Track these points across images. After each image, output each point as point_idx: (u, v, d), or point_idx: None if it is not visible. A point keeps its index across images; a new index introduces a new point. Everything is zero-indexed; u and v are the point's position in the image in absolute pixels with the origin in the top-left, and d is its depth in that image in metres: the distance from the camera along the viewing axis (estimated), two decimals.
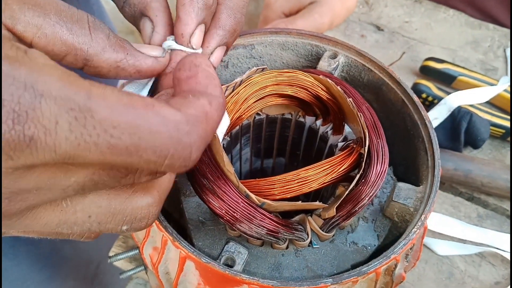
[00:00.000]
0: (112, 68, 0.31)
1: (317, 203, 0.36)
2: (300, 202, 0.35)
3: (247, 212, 0.34)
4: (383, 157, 0.38)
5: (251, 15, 1.00)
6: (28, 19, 0.28)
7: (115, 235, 0.63)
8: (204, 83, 0.28)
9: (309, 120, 0.46)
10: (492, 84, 0.75)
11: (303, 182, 0.36)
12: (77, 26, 0.29)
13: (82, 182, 0.24)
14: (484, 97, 0.72)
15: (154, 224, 0.36)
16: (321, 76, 0.41)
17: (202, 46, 0.36)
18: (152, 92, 0.35)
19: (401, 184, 0.40)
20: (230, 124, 0.40)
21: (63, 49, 0.29)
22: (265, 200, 0.34)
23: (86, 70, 0.31)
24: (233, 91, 0.40)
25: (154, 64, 0.32)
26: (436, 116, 0.70)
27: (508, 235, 0.62)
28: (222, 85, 0.40)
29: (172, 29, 0.35)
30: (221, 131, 0.38)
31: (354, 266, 0.38)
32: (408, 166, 0.44)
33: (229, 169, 0.34)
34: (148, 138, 0.23)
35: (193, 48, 0.34)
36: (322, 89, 0.41)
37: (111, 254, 0.57)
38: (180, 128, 0.24)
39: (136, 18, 0.36)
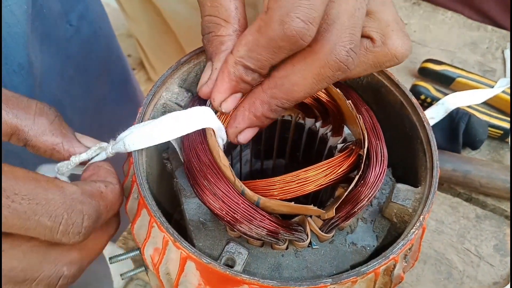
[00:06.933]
0: (49, 149, 0.36)
1: (314, 208, 0.36)
2: (293, 203, 0.35)
3: (247, 213, 0.35)
4: (382, 158, 0.38)
5: (249, 19, 1.01)
6: None
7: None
8: (103, 175, 0.36)
9: (308, 122, 0.47)
10: (490, 86, 0.75)
11: (302, 183, 0.37)
12: (22, 111, 0.34)
13: None
14: (481, 99, 0.72)
15: (155, 225, 0.36)
16: None
17: (231, 124, 0.38)
18: None
19: (399, 185, 0.40)
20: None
21: (8, 130, 0.34)
22: (260, 196, 0.35)
23: (28, 149, 0.36)
24: None
25: (84, 153, 0.37)
26: (433, 115, 0.70)
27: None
28: None
29: (228, 85, 0.37)
30: (220, 135, 0.38)
31: (353, 267, 0.38)
32: (407, 167, 0.44)
33: (225, 163, 0.35)
34: (45, 203, 0.28)
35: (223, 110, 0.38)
36: (321, 91, 0.42)
37: (111, 255, 0.57)
38: (75, 197, 0.29)
39: (206, 56, 0.39)
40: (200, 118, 0.37)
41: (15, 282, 0.30)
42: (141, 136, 0.37)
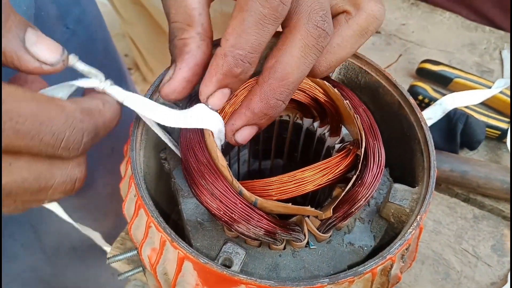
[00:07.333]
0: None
1: (311, 209, 0.36)
2: (290, 204, 0.35)
3: (245, 213, 0.35)
4: (380, 158, 0.38)
5: None
6: None
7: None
8: (101, 94, 0.35)
9: (306, 122, 0.47)
10: (488, 86, 0.75)
11: (300, 183, 0.37)
12: None
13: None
14: (479, 99, 0.73)
15: (152, 225, 0.36)
16: (318, 79, 0.42)
17: (228, 122, 0.38)
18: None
19: (397, 185, 0.40)
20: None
21: None
22: (258, 197, 0.35)
23: None
24: None
25: (38, 70, 0.32)
26: (430, 116, 0.70)
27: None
28: None
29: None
30: (219, 137, 0.38)
31: (350, 267, 0.38)
32: (404, 168, 0.44)
33: (223, 163, 0.35)
34: (48, 123, 0.28)
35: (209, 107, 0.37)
36: (319, 91, 0.42)
37: (109, 255, 0.57)
38: (75, 115, 0.30)
39: (171, 58, 0.39)
40: (203, 118, 0.37)
41: (31, 192, 0.30)
42: (143, 103, 0.36)
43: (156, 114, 0.37)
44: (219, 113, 0.39)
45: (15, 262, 0.77)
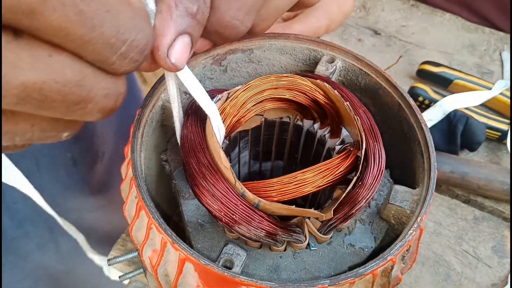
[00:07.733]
0: None
1: (313, 211, 0.36)
2: (294, 206, 0.35)
3: (246, 214, 0.35)
4: (380, 160, 0.38)
5: None
6: None
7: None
8: None
9: (307, 123, 0.47)
10: (488, 88, 0.75)
11: (300, 185, 0.37)
12: None
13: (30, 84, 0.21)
14: (479, 100, 0.73)
15: (153, 226, 0.36)
16: (318, 81, 0.42)
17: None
18: None
19: (397, 187, 0.40)
20: (229, 128, 0.40)
21: None
22: (261, 199, 0.35)
23: None
24: (227, 98, 0.41)
25: None
26: (431, 118, 0.70)
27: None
28: (223, 90, 0.41)
29: (173, 23, 0.30)
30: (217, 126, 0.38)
31: (351, 268, 0.38)
32: (405, 169, 0.44)
33: (226, 164, 0.35)
34: (115, 13, 0.22)
35: (172, 63, 0.30)
36: (320, 93, 0.42)
37: (109, 257, 0.57)
38: (142, 15, 0.24)
39: None
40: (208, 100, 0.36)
41: (68, 104, 0.23)
42: None
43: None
44: (220, 114, 0.39)
45: (28, 261, 0.77)
